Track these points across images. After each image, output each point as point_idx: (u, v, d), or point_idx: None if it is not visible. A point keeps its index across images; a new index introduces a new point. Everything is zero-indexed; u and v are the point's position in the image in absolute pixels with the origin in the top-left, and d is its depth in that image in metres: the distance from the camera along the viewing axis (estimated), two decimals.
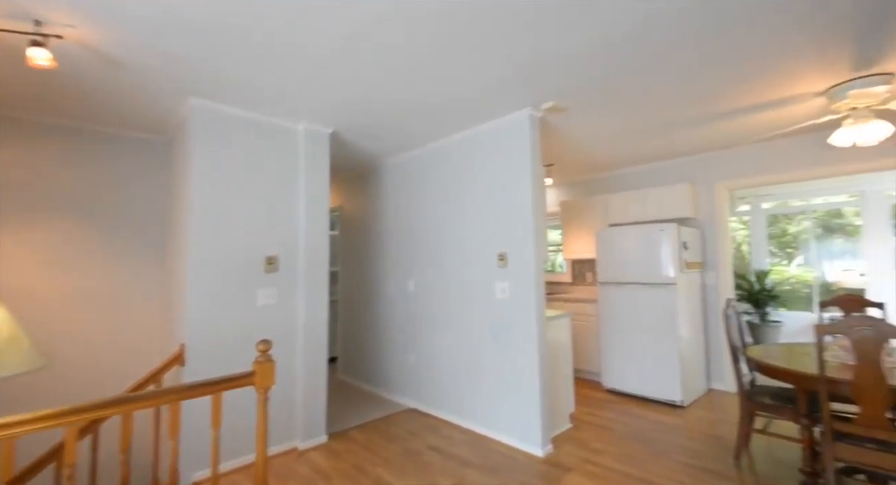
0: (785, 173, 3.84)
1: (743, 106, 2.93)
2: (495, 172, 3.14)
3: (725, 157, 4.16)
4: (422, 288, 3.72)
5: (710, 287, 4.21)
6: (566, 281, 5.54)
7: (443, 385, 3.49)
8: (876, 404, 1.85)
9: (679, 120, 3.21)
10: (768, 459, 2.68)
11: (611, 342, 4.16)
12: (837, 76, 2.50)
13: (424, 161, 3.75)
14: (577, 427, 3.25)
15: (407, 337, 3.86)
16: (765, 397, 2.59)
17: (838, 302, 2.95)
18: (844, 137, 2.65)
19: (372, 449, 2.91)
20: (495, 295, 3.10)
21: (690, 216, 4.24)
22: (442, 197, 3.57)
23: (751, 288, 5.90)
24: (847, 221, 6.63)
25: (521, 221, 2.94)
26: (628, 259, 4.07)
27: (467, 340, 3.30)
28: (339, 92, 2.60)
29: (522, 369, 2.89)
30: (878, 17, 1.91)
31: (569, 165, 4.67)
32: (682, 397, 3.66)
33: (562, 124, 3.26)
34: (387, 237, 4.15)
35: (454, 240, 3.45)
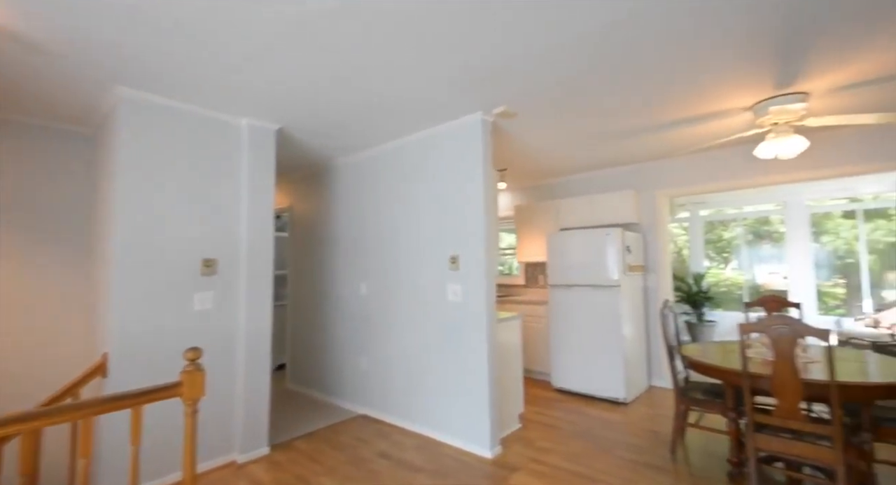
0: (717, 182, 4.11)
1: (680, 118, 3.11)
2: (448, 174, 3.14)
3: (665, 166, 4.40)
4: (374, 291, 3.65)
5: (651, 289, 4.43)
6: (520, 283, 5.65)
7: (394, 390, 3.43)
8: (790, 396, 2.01)
9: (623, 130, 3.36)
10: (701, 451, 2.85)
11: (559, 343, 4.27)
12: (761, 93, 2.71)
13: (378, 162, 3.69)
14: (526, 427, 3.30)
15: (358, 342, 3.77)
16: (697, 392, 2.74)
17: (762, 302, 3.19)
18: (767, 150, 2.87)
19: (317, 459, 2.81)
20: (447, 297, 3.09)
21: (634, 221, 4.46)
22: (395, 198, 3.53)
23: (689, 290, 6.28)
24: (774, 228, 7.23)
25: (473, 224, 2.95)
26: (576, 262, 4.21)
27: (419, 343, 3.27)
28: (285, 87, 2.50)
29: (473, 371, 2.90)
30: (793, 42, 2.09)
31: (522, 171, 4.76)
32: (626, 395, 3.82)
33: (514, 130, 3.31)
34: (339, 239, 4.04)
35: (407, 242, 3.41)
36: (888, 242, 6.42)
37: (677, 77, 2.45)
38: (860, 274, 6.27)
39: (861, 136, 3.43)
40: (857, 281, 6.41)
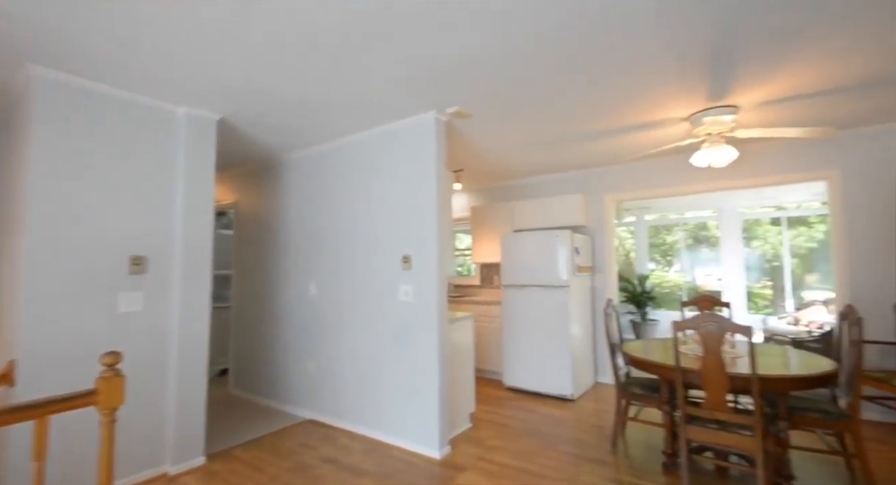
0: (659, 188, 4.34)
1: (624, 126, 3.25)
2: (401, 173, 3.11)
3: (612, 172, 4.59)
4: (324, 291, 3.55)
5: (599, 289, 4.61)
6: (475, 284, 5.70)
7: (343, 393, 3.35)
8: (717, 389, 2.14)
9: (572, 135, 3.47)
10: (640, 443, 2.98)
11: (511, 342, 4.34)
12: (697, 105, 2.88)
13: (329, 158, 3.59)
14: (477, 426, 3.32)
15: (307, 344, 3.64)
16: (636, 387, 2.87)
17: (696, 302, 3.40)
18: (701, 159, 3.06)
19: (258, 467, 2.68)
20: (399, 298, 3.05)
21: (583, 224, 4.62)
22: (347, 196, 3.45)
23: (634, 290, 6.59)
24: (711, 233, 7.75)
25: (426, 224, 2.93)
26: (528, 263, 4.30)
27: (369, 344, 3.21)
28: (227, 74, 2.37)
29: (423, 371, 2.88)
30: (723, 58, 2.24)
31: (479, 172, 4.81)
32: (573, 392, 3.94)
33: (469, 131, 3.33)
34: (288, 237, 3.89)
35: (359, 241, 3.34)
36: (808, 247, 7.05)
37: (619, 86, 2.56)
38: (784, 277, 6.84)
39: (786, 148, 3.74)
40: (782, 283, 7.00)
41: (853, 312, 2.33)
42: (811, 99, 2.80)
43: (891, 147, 3.33)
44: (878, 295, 3.33)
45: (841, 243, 3.49)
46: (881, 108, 2.99)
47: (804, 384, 2.16)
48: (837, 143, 3.53)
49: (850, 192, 3.47)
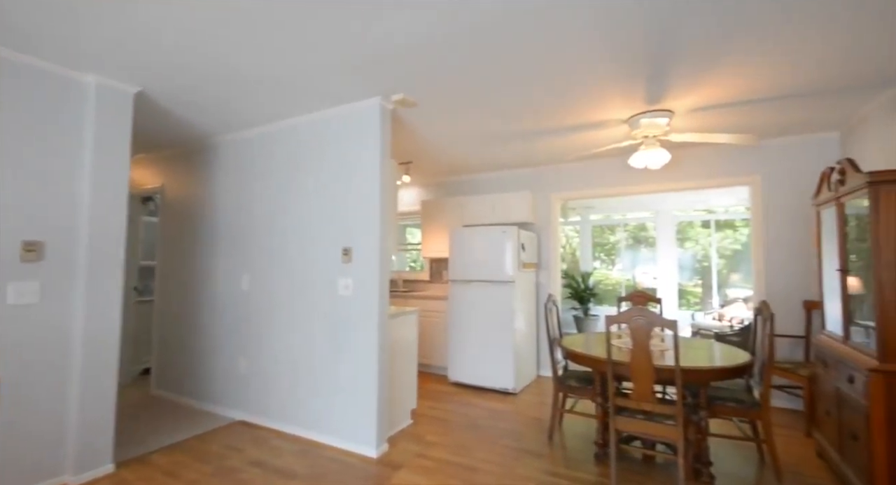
0: (602, 189, 4.49)
1: (569, 124, 3.31)
2: (343, 160, 2.97)
3: (559, 171, 4.70)
4: (258, 285, 3.34)
5: (543, 285, 4.70)
6: (424, 279, 5.64)
7: (277, 392, 3.17)
8: (644, 381, 2.22)
9: (518, 132, 3.49)
10: (575, 435, 3.06)
11: (457, 337, 4.33)
12: (634, 108, 2.98)
13: (267, 142, 3.38)
14: (417, 422, 3.27)
15: (238, 341, 3.42)
16: (572, 380, 2.94)
17: (630, 298, 3.54)
18: (639, 160, 3.17)
19: (175, 473, 2.47)
20: (338, 292, 2.92)
21: (530, 221, 4.69)
22: (285, 184, 3.26)
23: (577, 287, 6.82)
24: (649, 234, 8.20)
25: (368, 216, 2.83)
26: (475, 259, 4.30)
27: (306, 340, 3.06)
28: (145, 43, 2.13)
29: (362, 369, 2.78)
30: (657, 63, 2.31)
31: (429, 166, 4.74)
32: (515, 385, 3.99)
33: (416, 121, 3.25)
34: (219, 226, 3.63)
35: (297, 232, 3.17)
36: (734, 249, 7.63)
37: (562, 85, 2.58)
38: (711, 276, 7.36)
39: (714, 154, 3.98)
40: (710, 282, 7.53)
41: (767, 308, 2.50)
42: (737, 107, 2.98)
43: (807, 157, 3.63)
44: (789, 293, 3.63)
45: (759, 244, 3.78)
46: (800, 119, 3.25)
47: (723, 375, 2.29)
48: (760, 150, 3.81)
49: (770, 197, 3.76)
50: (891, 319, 1.97)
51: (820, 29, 2.00)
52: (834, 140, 3.56)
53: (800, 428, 3.16)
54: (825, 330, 2.68)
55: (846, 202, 2.39)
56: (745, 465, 2.61)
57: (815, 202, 2.83)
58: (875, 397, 1.96)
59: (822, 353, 2.59)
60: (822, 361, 2.60)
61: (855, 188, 2.22)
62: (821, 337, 2.68)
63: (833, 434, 2.41)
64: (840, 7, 1.84)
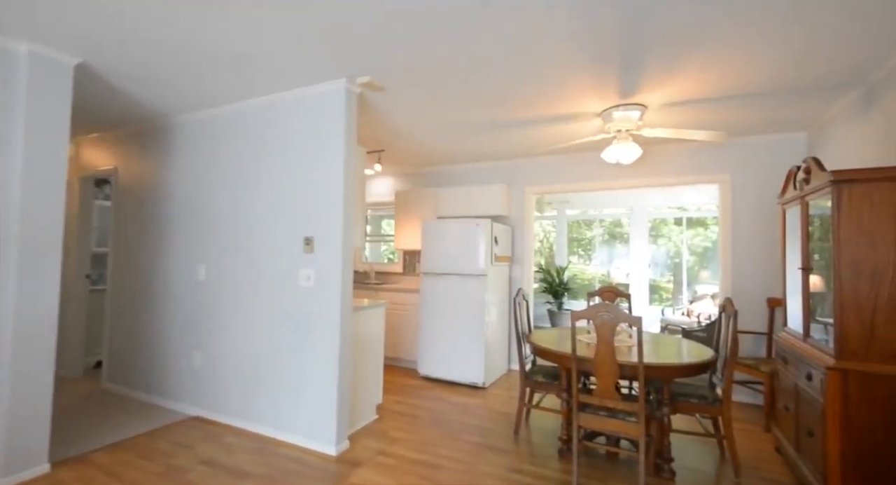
0: (576, 183, 4.46)
1: (543, 116, 3.24)
2: (306, 146, 2.83)
3: (534, 164, 4.65)
4: (215, 275, 3.17)
5: (516, 279, 4.67)
6: (397, 271, 5.53)
7: (233, 386, 3.03)
8: (608, 377, 2.19)
9: (492, 122, 3.40)
10: (541, 431, 3.03)
11: (428, 331, 4.26)
12: (608, 101, 2.93)
13: (226, 124, 3.19)
14: (383, 417, 3.19)
15: (194, 332, 3.25)
16: (539, 375, 2.90)
17: (600, 293, 3.53)
18: (611, 154, 3.14)
19: (117, 474, 2.32)
20: (299, 283, 2.80)
21: (505, 215, 4.63)
22: (245, 169, 3.09)
23: (553, 281, 6.83)
24: (624, 230, 8.29)
25: (331, 205, 2.70)
26: (447, 251, 4.22)
27: (265, 333, 2.92)
28: (84, 4, 1.94)
29: (322, 363, 2.67)
30: (630, 56, 2.25)
31: (403, 155, 4.62)
32: (484, 379, 3.95)
33: (386, 107, 3.13)
34: (175, 212, 3.43)
35: (257, 220, 3.02)
36: (704, 246, 7.79)
37: (535, 74, 2.50)
38: (682, 272, 7.49)
39: (686, 151, 3.99)
40: (681, 278, 7.67)
41: (730, 305, 2.51)
42: (708, 104, 2.96)
43: (775, 157, 3.67)
44: (754, 290, 3.68)
45: (727, 242, 3.81)
46: (769, 118, 3.26)
47: (686, 372, 2.28)
48: (730, 149, 3.83)
49: (738, 195, 3.79)
50: (849, 318, 1.98)
51: (783, 30, 1.99)
52: (801, 140, 3.60)
53: (759, 423, 3.21)
54: (787, 327, 2.71)
55: (810, 201, 2.40)
56: (705, 460, 2.63)
57: (780, 201, 2.85)
58: (831, 394, 1.98)
59: (783, 350, 2.62)
60: (782, 357, 2.63)
61: (819, 187, 2.22)
62: (782, 334, 2.71)
63: (791, 430, 2.44)
64: (804, 9, 1.81)
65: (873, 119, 2.54)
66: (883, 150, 2.42)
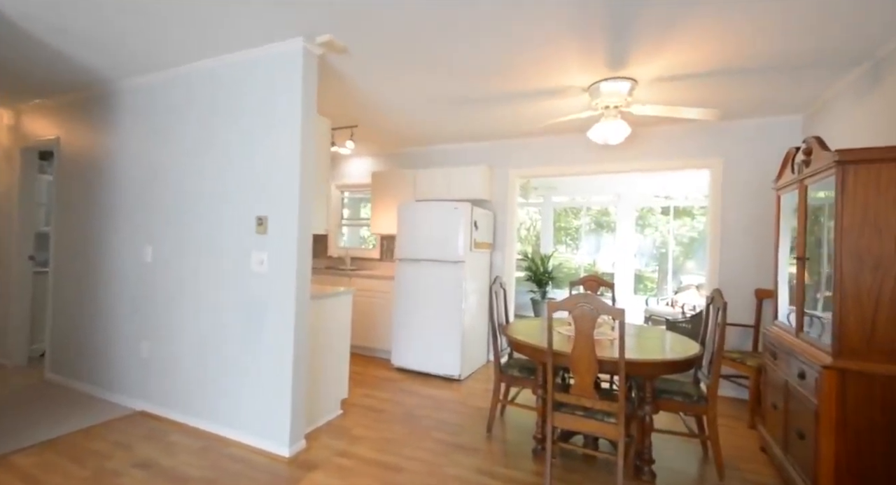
0: (561, 166, 4.23)
1: (527, 89, 2.98)
2: (259, 114, 2.53)
3: (518, 146, 4.39)
4: (163, 257, 2.88)
5: (497, 266, 4.45)
6: (374, 257, 5.28)
7: (182, 379, 2.77)
8: (586, 374, 1.99)
9: (471, 96, 3.13)
10: (516, 428, 2.84)
11: (402, 320, 4.03)
12: (596, 73, 2.68)
13: (173, 89, 2.87)
14: (348, 413, 2.97)
15: (141, 320, 2.97)
16: (515, 369, 2.70)
17: (582, 282, 3.33)
18: (598, 133, 2.90)
19: (37, 479, 2.06)
20: (251, 267, 2.53)
21: (486, 198, 4.39)
22: (193, 139, 2.78)
23: (537, 269, 6.65)
24: (611, 219, 8.13)
25: (286, 180, 2.42)
26: (424, 236, 3.97)
27: (215, 322, 2.66)
28: None
29: (276, 355, 2.43)
30: (618, 22, 2.00)
31: (379, 133, 4.32)
32: (460, 371, 3.75)
33: (355, 76, 2.84)
34: (121, 187, 3.11)
35: (207, 197, 2.72)
36: (691, 236, 7.68)
37: (518, 39, 2.23)
38: (668, 262, 7.37)
39: (677, 134, 3.77)
40: (667, 268, 7.56)
41: (719, 296, 2.32)
42: (702, 80, 2.73)
43: (769, 141, 3.48)
44: (742, 280, 3.52)
45: (716, 230, 3.64)
46: (764, 98, 3.05)
47: (671, 369, 2.10)
48: (723, 133, 3.63)
49: (729, 182, 3.60)
50: (849, 313, 1.80)
51: None
52: (797, 124, 3.41)
53: (743, 419, 3.08)
54: (777, 321, 2.54)
55: (810, 185, 2.20)
56: (687, 460, 2.47)
57: (775, 186, 2.65)
58: (826, 395, 1.80)
59: (773, 344, 2.45)
60: (771, 352, 2.46)
61: (821, 169, 2.02)
62: (772, 328, 2.54)
63: (778, 430, 2.29)
64: None
65: (880, 97, 2.34)
66: (891, 130, 2.22)
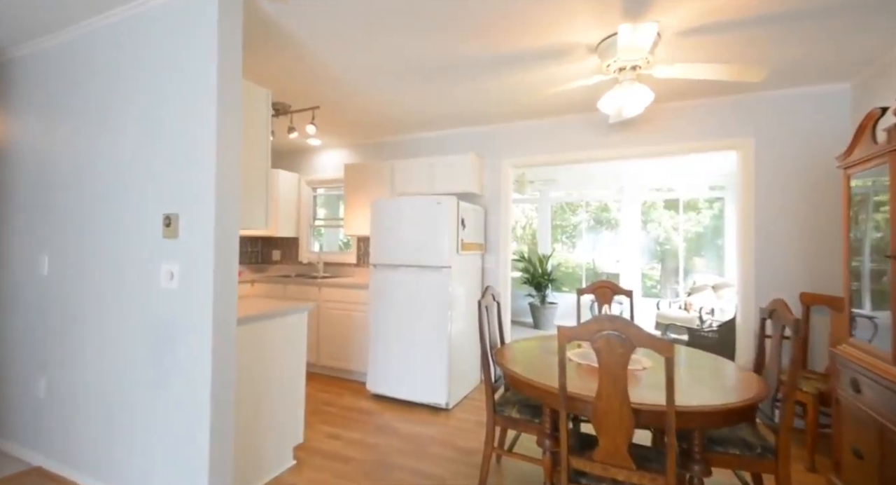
0: (563, 153, 3.63)
1: (521, 50, 2.37)
2: (165, 79, 1.90)
3: (511, 131, 3.79)
4: (62, 268, 2.24)
5: (491, 271, 3.84)
6: (350, 262, 4.65)
7: (82, 427, 2.14)
8: (617, 434, 1.38)
9: (456, 61, 2.52)
10: (518, 480, 2.23)
11: (378, 337, 3.41)
12: (608, 24, 2.08)
13: (74, 55, 2.22)
14: (303, 464, 2.34)
15: (36, 350, 2.33)
16: (513, 409, 2.08)
17: (594, 289, 2.73)
18: (611, 102, 2.30)
19: None
20: (160, 283, 1.89)
21: (475, 192, 3.77)
22: (95, 118, 2.14)
23: (535, 271, 6.05)
24: (612, 215, 7.54)
25: (200, 164, 1.79)
26: (402, 237, 3.35)
27: (117, 354, 2.03)
28: None
29: (191, 397, 1.79)
30: None
31: (350, 118, 3.70)
32: (448, 400, 3.13)
33: (305, 38, 2.21)
34: (16, 181, 2.47)
35: (106, 190, 2.09)
36: (696, 231, 7.11)
37: None
38: (678, 260, 6.79)
39: (703, 112, 3.18)
40: (674, 266, 6.99)
41: (786, 311, 1.72)
42: (739, 30, 2.14)
43: (811, 115, 2.89)
44: (782, 282, 2.94)
45: (748, 222, 3.05)
46: (809, 60, 2.47)
47: (739, 416, 1.49)
48: (753, 107, 3.04)
49: (763, 164, 3.02)
50: None
51: None
52: (843, 94, 2.83)
53: (799, 457, 2.47)
54: (853, 339, 1.95)
55: None
56: None
57: (843, 163, 2.06)
58: None
59: (851, 370, 1.86)
60: (851, 382, 1.87)
61: None
62: (847, 348, 1.95)
63: None
64: None
65: None
66: None
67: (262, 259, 5.15)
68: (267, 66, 2.62)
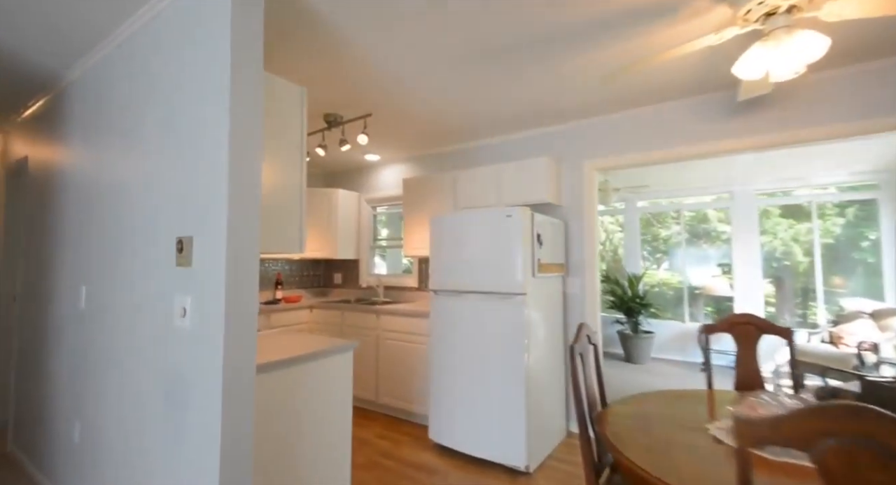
0: (662, 150, 2.92)
1: (607, 8, 1.80)
2: (180, 81, 1.62)
3: (595, 126, 3.16)
4: (98, 301, 2.05)
5: (575, 297, 3.18)
6: (412, 286, 4.24)
7: (109, 476, 1.87)
8: None
9: (525, 36, 2.01)
10: None
11: (441, 378, 2.89)
12: None
13: (111, 67, 2.08)
14: None
15: (74, 391, 2.15)
16: None
17: (729, 326, 1.97)
18: (754, 63, 1.63)
19: None
20: (173, 321, 1.57)
21: (552, 202, 3.17)
22: (122, 139, 1.95)
23: (623, 295, 5.19)
24: (712, 226, 6.41)
25: (213, 177, 1.46)
26: (466, 258, 2.84)
27: (134, 403, 1.73)
28: None
29: (202, 460, 1.41)
30: None
31: (406, 125, 3.34)
32: (527, 461, 2.50)
33: (346, 27, 1.86)
34: (65, 210, 2.38)
35: (133, 217, 1.85)
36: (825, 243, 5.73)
37: None
38: (806, 278, 5.50)
39: (851, 84, 2.34)
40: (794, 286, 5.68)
41: None
42: None
43: None
44: None
45: None
46: None
47: None
48: None
49: None
50: None
51: None
52: None
53: None
54: None
55: None
56: None
57: None
58: None
59: None
60: None
61: None
62: None
63: None
64: None
65: None
66: None
67: (324, 283, 4.94)
68: (303, 63, 2.31)
